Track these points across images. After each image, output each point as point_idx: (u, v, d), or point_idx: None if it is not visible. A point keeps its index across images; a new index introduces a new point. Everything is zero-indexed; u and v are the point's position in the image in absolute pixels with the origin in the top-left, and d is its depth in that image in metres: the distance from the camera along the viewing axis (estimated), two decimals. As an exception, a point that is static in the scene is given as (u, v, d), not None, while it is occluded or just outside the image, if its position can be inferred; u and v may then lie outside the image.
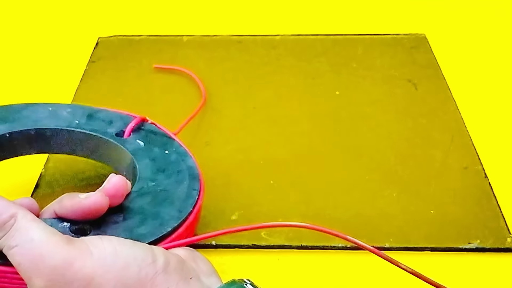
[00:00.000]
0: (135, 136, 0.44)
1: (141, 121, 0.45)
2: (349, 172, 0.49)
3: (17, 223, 0.30)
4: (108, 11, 0.73)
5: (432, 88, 0.58)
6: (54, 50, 0.66)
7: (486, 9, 0.72)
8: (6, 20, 0.72)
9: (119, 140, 0.43)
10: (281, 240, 0.43)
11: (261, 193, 0.47)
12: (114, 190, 0.35)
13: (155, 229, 0.36)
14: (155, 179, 0.40)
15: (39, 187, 0.47)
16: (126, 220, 0.36)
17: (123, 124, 0.44)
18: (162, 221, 0.36)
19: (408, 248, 0.43)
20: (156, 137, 0.44)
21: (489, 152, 0.51)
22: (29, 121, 0.43)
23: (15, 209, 0.31)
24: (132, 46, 0.66)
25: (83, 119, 0.44)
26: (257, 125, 0.55)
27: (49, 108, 0.45)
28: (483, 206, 0.46)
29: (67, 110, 0.45)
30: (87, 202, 0.33)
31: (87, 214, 0.34)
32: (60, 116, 0.44)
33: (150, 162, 0.41)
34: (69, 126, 0.44)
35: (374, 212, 0.45)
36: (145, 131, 0.44)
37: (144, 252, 0.31)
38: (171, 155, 0.42)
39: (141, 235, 0.35)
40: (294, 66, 0.62)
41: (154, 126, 0.45)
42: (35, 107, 0.45)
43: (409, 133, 0.53)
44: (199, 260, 0.34)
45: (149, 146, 0.43)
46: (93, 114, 0.45)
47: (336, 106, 0.57)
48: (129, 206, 0.37)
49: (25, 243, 0.30)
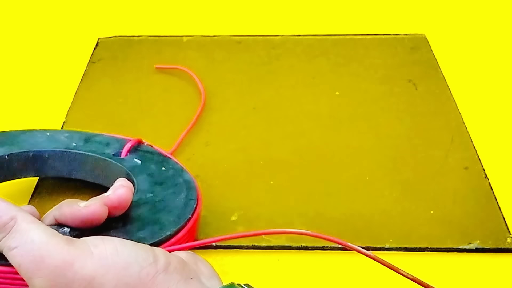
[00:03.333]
0: (132, 155, 0.44)
1: (137, 142, 0.45)
2: (349, 172, 0.49)
3: (17, 225, 0.30)
4: (108, 11, 0.73)
5: (432, 88, 0.58)
6: (54, 51, 0.66)
7: (486, 9, 0.72)
8: (6, 20, 0.72)
9: (116, 159, 0.44)
10: (281, 241, 0.43)
11: (261, 193, 0.47)
12: (117, 202, 0.35)
13: (154, 233, 0.36)
14: (153, 190, 0.41)
15: (39, 189, 0.47)
16: (126, 226, 0.36)
17: (119, 146, 0.45)
18: (162, 226, 0.37)
19: (408, 249, 0.43)
20: (153, 156, 0.45)
21: (489, 152, 0.51)
22: (27, 144, 0.44)
23: (15, 211, 0.31)
24: (132, 46, 0.66)
25: (80, 142, 0.45)
26: (257, 125, 0.55)
27: (46, 134, 0.46)
28: (483, 206, 0.46)
29: (64, 135, 0.46)
30: (86, 211, 0.34)
31: (85, 223, 0.34)
32: (58, 139, 0.45)
33: (148, 176, 0.42)
34: (67, 148, 0.45)
35: (374, 212, 0.45)
36: (142, 151, 0.45)
37: (145, 252, 0.31)
38: (168, 171, 0.43)
39: (141, 238, 0.35)
40: (294, 66, 0.62)
41: (150, 147, 0.46)
42: (32, 132, 0.46)
43: (409, 133, 0.53)
44: (200, 263, 0.34)
45: (146, 164, 0.44)
46: (90, 138, 0.46)
47: (336, 106, 0.57)
48: (128, 214, 0.37)
49: (25, 244, 0.30)
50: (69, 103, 0.57)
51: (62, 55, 0.65)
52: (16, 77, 0.62)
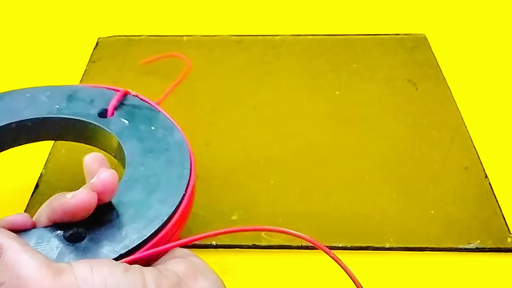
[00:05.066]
0: (119, 113, 0.42)
1: (123, 96, 0.43)
2: (349, 172, 0.49)
3: (3, 257, 0.29)
4: (108, 11, 0.73)
5: (432, 88, 0.58)
6: (54, 50, 0.66)
7: (486, 9, 0.72)
8: (6, 20, 0.72)
9: (102, 121, 0.42)
10: (281, 240, 0.43)
11: (261, 193, 0.47)
12: (102, 187, 0.33)
13: (150, 222, 0.34)
14: (144, 162, 0.39)
15: (39, 187, 0.47)
16: (119, 217, 0.35)
17: (104, 102, 0.43)
18: (156, 212, 0.35)
19: (408, 248, 0.43)
20: (141, 111, 0.42)
21: (489, 152, 0.51)
22: (8, 114, 0.42)
23: (1, 239, 0.30)
24: (132, 46, 0.66)
25: (63, 102, 0.43)
26: (257, 125, 0.55)
27: (27, 95, 0.43)
28: (483, 206, 0.46)
29: (45, 94, 0.43)
30: (74, 201, 0.32)
31: (76, 213, 0.33)
32: (39, 102, 0.43)
33: (137, 142, 0.40)
34: (50, 113, 0.42)
35: (374, 212, 0.45)
36: (129, 106, 0.43)
37: (134, 281, 0.30)
38: (157, 131, 0.41)
39: (137, 230, 0.34)
40: (294, 66, 0.62)
41: (137, 99, 0.44)
42: (11, 95, 0.43)
43: (409, 133, 0.53)
44: (200, 277, 0.32)
45: (134, 123, 0.41)
46: (73, 94, 0.43)
47: (336, 106, 0.57)
48: (121, 200, 0.36)
49: (12, 280, 0.29)
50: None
51: (62, 55, 0.65)
52: (16, 76, 0.62)
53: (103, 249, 0.32)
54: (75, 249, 0.32)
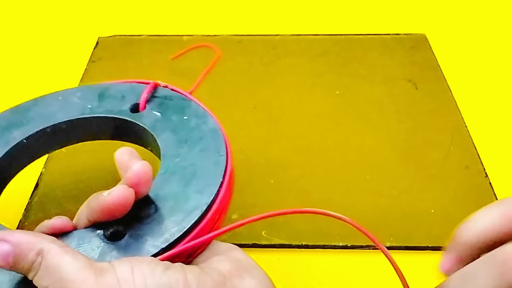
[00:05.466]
0: (151, 106, 0.42)
1: (153, 88, 0.43)
2: (349, 172, 0.49)
3: (44, 261, 0.29)
4: (108, 11, 0.73)
5: (432, 88, 0.58)
6: (54, 50, 0.66)
7: (486, 9, 0.72)
8: (6, 20, 0.72)
9: (135, 116, 0.41)
10: (281, 239, 0.43)
11: (261, 193, 0.47)
12: (136, 179, 0.33)
13: (189, 213, 0.34)
14: (179, 154, 0.38)
15: (39, 187, 0.47)
16: (158, 211, 0.34)
17: (135, 97, 0.43)
18: (194, 203, 0.34)
19: (408, 247, 0.43)
20: (172, 102, 0.42)
21: (489, 151, 0.51)
22: (42, 118, 0.42)
23: (40, 244, 0.29)
24: (132, 46, 0.66)
25: (94, 101, 0.43)
26: (257, 125, 0.55)
27: (59, 98, 0.43)
28: (484, 205, 0.45)
29: (77, 95, 0.43)
30: (111, 198, 0.32)
31: (114, 211, 0.32)
32: (72, 104, 0.43)
33: (171, 134, 0.40)
34: (83, 113, 0.42)
35: (374, 212, 0.45)
36: (160, 98, 0.43)
37: (175, 280, 0.29)
38: (190, 121, 0.41)
39: (177, 223, 0.33)
40: (294, 66, 0.62)
41: (168, 90, 0.43)
42: (44, 100, 0.43)
43: (409, 133, 0.53)
44: (246, 275, 0.31)
45: (166, 115, 0.41)
46: (104, 92, 0.43)
47: (336, 106, 0.57)
48: (158, 194, 0.35)
49: (55, 283, 0.28)
50: (69, 103, 0.57)
51: (62, 54, 0.65)
52: (16, 76, 0.62)
53: (144, 245, 0.32)
54: (116, 247, 0.32)
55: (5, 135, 0.41)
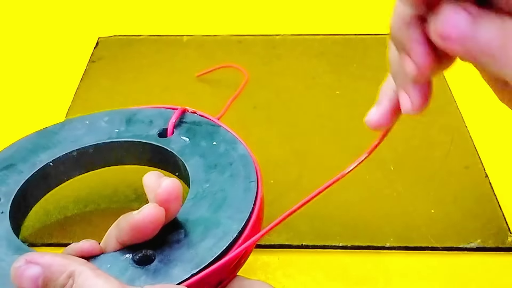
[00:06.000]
0: (179, 132, 0.41)
1: (181, 114, 0.42)
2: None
3: (75, 284, 0.28)
4: (108, 11, 0.73)
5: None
6: (54, 50, 0.66)
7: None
8: (6, 20, 0.72)
9: (163, 141, 0.41)
10: (281, 240, 0.43)
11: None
12: (166, 194, 0.32)
13: (219, 240, 0.33)
14: (209, 179, 0.38)
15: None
16: (188, 236, 0.33)
17: (163, 122, 0.42)
18: (225, 229, 0.34)
19: (408, 248, 0.43)
20: (201, 128, 0.42)
21: (489, 151, 0.51)
22: (69, 142, 0.42)
23: (71, 266, 0.29)
24: (132, 46, 0.66)
25: (122, 126, 0.43)
26: (257, 125, 0.55)
27: (86, 122, 0.43)
28: (484, 206, 0.46)
29: (104, 120, 0.43)
30: (141, 216, 0.31)
31: (145, 230, 0.31)
32: (99, 128, 0.43)
33: (200, 159, 0.39)
34: (110, 137, 0.42)
35: (374, 212, 0.45)
36: (188, 124, 0.42)
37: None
38: (219, 146, 0.40)
39: (207, 250, 0.33)
40: (294, 66, 0.62)
41: (196, 115, 0.43)
42: (72, 124, 0.43)
43: (409, 133, 0.53)
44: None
45: (195, 140, 0.41)
46: (131, 117, 0.43)
47: (336, 106, 0.57)
48: (188, 219, 0.35)
49: None
50: (69, 102, 0.57)
51: (63, 54, 0.65)
52: (16, 76, 0.62)
53: (174, 270, 0.31)
54: (145, 271, 0.31)
55: (32, 158, 0.41)
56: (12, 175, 0.39)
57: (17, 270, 0.28)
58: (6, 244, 0.34)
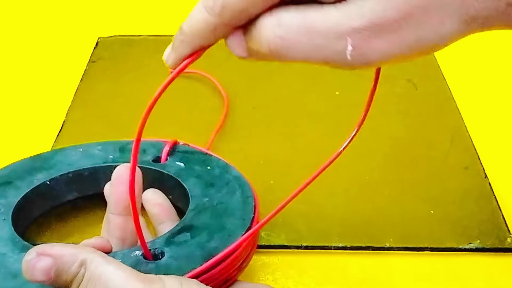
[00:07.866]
0: (173, 159, 0.43)
1: (173, 144, 0.44)
2: (349, 172, 0.49)
3: (87, 271, 0.28)
4: (108, 11, 0.73)
5: (432, 88, 0.58)
6: (54, 50, 0.66)
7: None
8: (6, 20, 0.72)
9: (158, 165, 0.42)
10: (281, 240, 0.43)
11: (261, 193, 0.47)
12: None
13: (225, 241, 0.34)
14: (207, 194, 0.39)
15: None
16: (195, 238, 0.35)
17: (156, 151, 0.44)
18: (230, 232, 0.35)
19: (408, 248, 0.43)
20: (193, 156, 0.43)
21: (489, 152, 0.51)
22: (64, 165, 0.43)
23: (81, 255, 0.29)
24: (132, 46, 0.66)
25: (116, 153, 0.44)
26: (257, 125, 0.55)
27: (79, 150, 0.44)
28: (483, 206, 0.46)
29: (97, 148, 0.44)
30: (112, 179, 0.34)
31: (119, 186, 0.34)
32: (93, 154, 0.44)
33: (196, 179, 0.41)
34: (105, 162, 0.43)
35: (374, 212, 0.45)
36: (181, 153, 0.44)
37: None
38: (214, 170, 0.42)
39: (214, 249, 0.34)
40: (294, 66, 0.62)
41: (188, 147, 0.45)
42: (65, 151, 0.44)
43: (409, 133, 0.53)
44: None
45: (189, 165, 0.42)
46: (124, 146, 0.44)
47: (336, 106, 0.57)
48: (192, 225, 0.36)
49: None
50: (69, 102, 0.57)
51: (62, 55, 0.65)
52: (16, 76, 0.62)
53: (185, 264, 0.32)
54: (156, 266, 0.32)
55: (29, 177, 0.41)
56: (10, 190, 0.40)
57: (28, 263, 0.29)
58: (11, 244, 0.35)
